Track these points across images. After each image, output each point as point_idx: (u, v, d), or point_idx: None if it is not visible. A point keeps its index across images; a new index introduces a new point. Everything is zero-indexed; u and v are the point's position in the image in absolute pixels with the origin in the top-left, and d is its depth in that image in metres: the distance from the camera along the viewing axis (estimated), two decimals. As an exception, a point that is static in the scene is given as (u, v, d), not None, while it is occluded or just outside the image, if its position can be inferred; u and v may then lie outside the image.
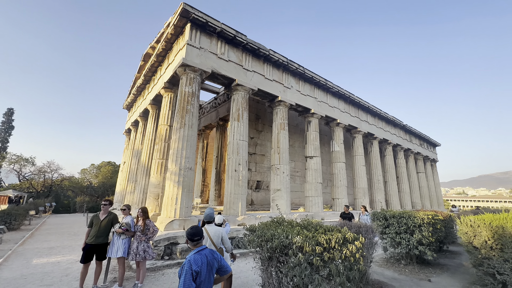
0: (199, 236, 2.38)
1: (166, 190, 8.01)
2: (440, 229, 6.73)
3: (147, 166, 11.87)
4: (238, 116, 10.03)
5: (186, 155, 8.17)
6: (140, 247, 4.79)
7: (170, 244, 6.89)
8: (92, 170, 32.42)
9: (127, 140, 19.22)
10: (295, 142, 16.32)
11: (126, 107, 19.13)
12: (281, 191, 10.89)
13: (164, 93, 10.87)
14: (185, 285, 2.06)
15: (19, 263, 6.34)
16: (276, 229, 3.57)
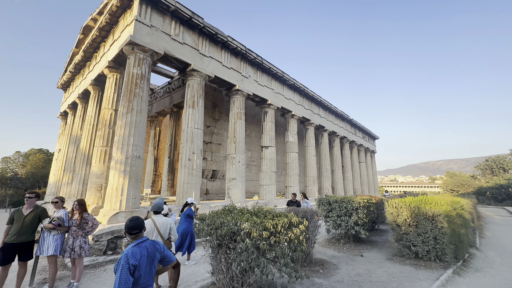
0: (138, 230, 2.25)
1: (110, 181, 7.33)
2: (373, 211, 7.72)
3: (88, 154, 10.63)
4: (193, 103, 9.63)
5: (133, 143, 7.55)
6: (76, 242, 4.33)
7: (115, 238, 6.40)
8: (18, 158, 27.68)
9: (63, 125, 16.82)
10: (252, 132, 16.53)
11: (62, 86, 16.58)
12: (236, 180, 11.00)
13: (108, 73, 9.73)
14: (121, 280, 1.95)
15: None
16: (226, 216, 3.61)
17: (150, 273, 2.20)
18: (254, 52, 12.18)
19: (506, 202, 28.97)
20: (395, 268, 5.31)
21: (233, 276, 3.51)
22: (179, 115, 14.90)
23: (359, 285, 4.40)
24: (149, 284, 2.20)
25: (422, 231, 5.50)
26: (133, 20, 7.98)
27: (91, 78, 11.50)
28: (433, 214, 5.40)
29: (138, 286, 2.08)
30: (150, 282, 2.21)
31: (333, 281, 4.55)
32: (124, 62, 9.30)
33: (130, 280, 1.99)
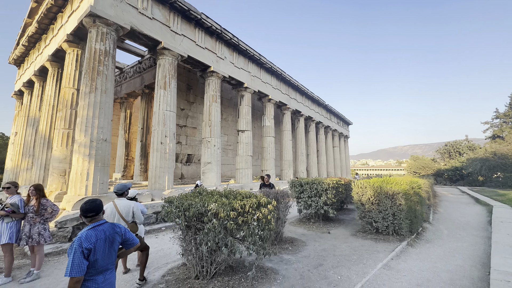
0: (94, 212, 2.16)
1: (74, 165, 6.88)
2: (342, 192, 8.16)
3: (48, 137, 9.81)
4: (164, 84, 9.17)
5: (99, 125, 7.08)
6: (34, 230, 4.07)
7: (80, 224, 6.13)
8: (-33, 142, 24.80)
9: (18, 105, 15.22)
10: (228, 116, 16.30)
11: (14, 62, 14.80)
12: (212, 164, 10.93)
13: (68, 49, 8.83)
14: (73, 264, 1.88)
15: None
16: (194, 198, 3.59)
17: (109, 256, 2.14)
18: (230, 32, 11.73)
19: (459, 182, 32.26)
20: (357, 242, 5.75)
21: (202, 256, 3.56)
22: (151, 96, 14.17)
23: (324, 259, 4.72)
24: (108, 268, 2.14)
25: (383, 208, 5.96)
26: (93, -11, 7.19)
27: (48, 53, 10.39)
28: (393, 193, 5.85)
29: (95, 269, 2.02)
30: (109, 266, 2.15)
31: (300, 256, 4.82)
32: (85, 37, 8.47)
33: (83, 264, 1.92)
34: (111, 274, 2.18)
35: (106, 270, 2.12)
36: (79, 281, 1.91)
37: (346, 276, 3.97)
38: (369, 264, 4.48)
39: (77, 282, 1.90)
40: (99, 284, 2.04)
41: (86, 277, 1.98)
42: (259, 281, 3.68)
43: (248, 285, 3.53)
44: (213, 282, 3.57)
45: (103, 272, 2.09)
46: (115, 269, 2.45)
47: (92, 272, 2.01)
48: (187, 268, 4.12)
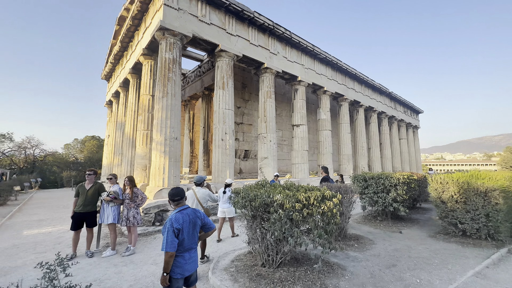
0: (179, 196, 2.53)
1: (153, 161, 8.01)
2: (414, 188, 7.26)
3: (132, 138, 11.65)
4: (223, 84, 9.76)
5: (170, 125, 8.04)
6: (130, 213, 4.93)
7: (160, 211, 7.11)
8: (76, 145, 31.53)
9: (109, 113, 18.50)
10: (282, 111, 16.30)
11: (105, 77, 18.03)
12: (268, 159, 11.15)
13: (143, 61, 10.26)
14: (167, 240, 2.26)
15: (9, 235, 6.41)
16: (259, 190, 3.74)
17: (193, 237, 2.48)
18: (282, 26, 11.65)
19: None
20: (438, 245, 5.04)
21: (268, 245, 3.70)
22: (210, 97, 15.27)
23: (397, 259, 4.30)
24: (193, 247, 2.48)
25: (472, 207, 5.05)
26: (161, 5, 8.14)
27: (129, 67, 12.27)
28: (486, 190, 4.89)
29: (183, 247, 2.37)
30: (193, 245, 2.49)
31: (369, 255, 4.52)
32: (157, 48, 9.67)
33: (175, 241, 2.29)
34: (195, 253, 2.53)
35: (191, 249, 2.47)
36: (172, 256, 2.28)
37: (426, 280, 3.54)
38: (456, 270, 3.88)
39: (171, 257, 2.27)
40: (186, 260, 2.40)
41: (177, 253, 2.36)
42: (326, 275, 3.61)
43: (315, 277, 3.50)
44: (279, 271, 3.67)
45: (189, 251, 2.44)
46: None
47: (181, 250, 2.37)
48: (253, 256, 4.34)
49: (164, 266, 2.27)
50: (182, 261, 2.36)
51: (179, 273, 2.33)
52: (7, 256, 4.87)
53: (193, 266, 2.45)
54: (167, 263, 2.26)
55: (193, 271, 2.47)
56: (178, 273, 2.33)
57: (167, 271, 2.27)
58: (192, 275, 2.49)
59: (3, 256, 4.83)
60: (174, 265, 2.33)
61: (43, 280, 2.14)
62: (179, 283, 2.35)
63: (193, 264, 2.47)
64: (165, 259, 2.26)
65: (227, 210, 5.64)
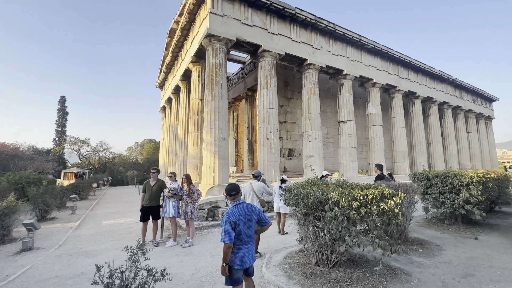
0: (236, 191, 2.66)
1: (204, 160, 8.56)
2: (492, 188, 6.23)
3: (184, 139, 12.64)
4: (266, 84, 9.87)
5: (219, 126, 8.49)
6: (188, 208, 5.37)
7: (213, 207, 7.56)
8: (137, 147, 35.61)
9: (163, 117, 20.40)
10: (327, 107, 15.70)
11: (159, 85, 19.96)
12: (314, 157, 10.87)
13: (192, 68, 11.05)
14: (225, 232, 2.41)
15: (93, 224, 7.61)
16: (311, 187, 3.69)
17: (249, 230, 2.57)
18: (325, 19, 11.23)
19: None
20: (529, 256, 4.23)
21: (322, 244, 3.62)
22: (253, 98, 15.59)
23: (474, 269, 3.76)
24: (249, 240, 2.59)
25: None
26: (208, 14, 8.64)
27: (179, 74, 13.34)
28: None
29: (240, 239, 2.50)
30: (250, 239, 2.59)
31: (437, 261, 4.05)
32: (204, 55, 10.30)
33: (232, 233, 2.42)
34: (252, 246, 2.63)
35: (248, 242, 2.57)
36: (230, 247, 2.42)
37: (516, 296, 3.02)
38: (558, 287, 3.21)
39: (229, 248, 2.42)
40: (244, 252, 2.53)
41: (235, 245, 2.49)
42: (388, 279, 3.37)
43: (375, 280, 3.30)
44: (335, 271, 3.56)
45: (246, 243, 2.55)
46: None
47: (239, 242, 2.50)
48: (305, 254, 4.30)
49: (223, 256, 2.42)
50: (240, 253, 2.49)
51: (239, 264, 2.46)
52: (93, 241, 5.79)
53: (250, 258, 2.56)
54: (226, 254, 2.41)
55: (251, 263, 2.57)
56: (238, 264, 2.46)
57: (226, 261, 2.42)
58: (250, 267, 2.59)
59: (91, 241, 5.77)
60: (234, 257, 2.46)
61: (128, 262, 2.50)
62: (238, 273, 2.48)
63: (251, 257, 2.57)
64: (224, 250, 2.42)
65: (281, 206, 5.80)
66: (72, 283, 3.65)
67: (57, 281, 3.73)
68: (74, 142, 29.33)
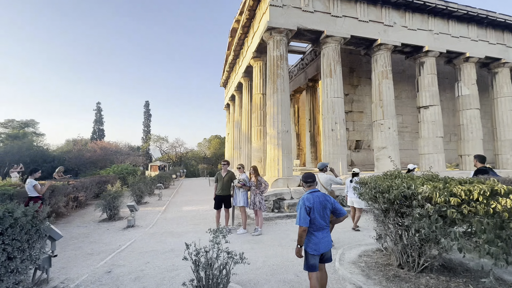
0: (312, 179, 2.72)
1: (268, 153, 8.73)
2: None
3: (248, 134, 13.18)
4: (330, 71, 9.29)
5: (281, 119, 8.48)
6: (256, 199, 5.59)
7: (278, 199, 7.66)
8: (205, 143, 39.21)
9: (227, 114, 21.76)
10: (401, 92, 13.75)
11: (223, 84, 21.32)
12: (387, 148, 9.72)
13: (253, 63, 11.32)
14: (300, 216, 2.54)
15: (175, 209, 8.77)
16: (394, 180, 3.28)
17: (323, 217, 2.60)
18: (399, -10, 9.74)
19: None
20: None
21: (407, 245, 3.20)
22: (315, 89, 14.97)
23: None
24: (324, 228, 2.62)
25: None
26: (267, 7, 8.64)
27: (241, 71, 13.89)
28: None
29: (315, 225, 2.57)
30: (324, 226, 2.62)
31: None
32: (265, 50, 10.40)
33: (307, 218, 2.51)
34: (327, 234, 2.65)
35: (323, 229, 2.61)
36: (305, 230, 2.52)
37: None
38: None
39: (304, 231, 2.52)
40: (319, 239, 2.58)
41: (310, 231, 2.57)
42: (501, 295, 2.72)
43: (482, 295, 2.72)
44: (424, 276, 3.10)
45: (321, 230, 2.60)
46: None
47: (314, 228, 2.57)
48: (384, 254, 3.90)
49: (298, 239, 2.54)
50: (315, 239, 2.56)
51: (314, 249, 2.54)
52: (177, 223, 6.68)
53: (326, 245, 2.60)
54: (300, 236, 2.52)
55: (327, 250, 2.62)
56: (313, 249, 2.54)
57: (300, 244, 2.54)
58: (326, 254, 2.64)
59: (175, 224, 6.67)
60: (309, 242, 2.56)
61: (210, 243, 2.75)
62: (314, 259, 2.55)
63: (326, 244, 2.61)
64: (299, 233, 2.53)
65: (355, 200, 5.52)
66: (165, 257, 4.29)
67: (154, 254, 4.44)
68: (156, 139, 34.46)
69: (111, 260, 4.16)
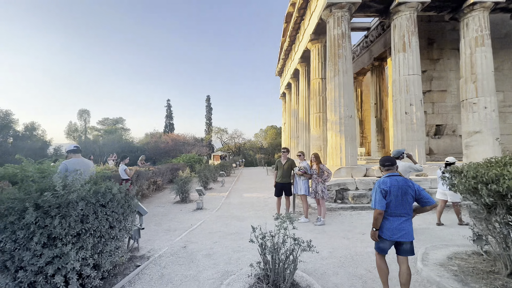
0: (390, 162, 2.58)
1: (329, 141, 8.22)
2: None
3: (306, 121, 12.73)
4: (403, 45, 8.01)
5: (344, 103, 7.81)
6: (318, 187, 5.33)
7: (341, 189, 7.18)
8: (261, 134, 40.01)
9: (283, 103, 21.51)
10: (502, 63, 10.92)
11: (278, 73, 21.06)
12: (482, 133, 7.92)
13: (311, 47, 10.71)
14: (376, 199, 2.46)
15: (237, 195, 9.22)
16: (505, 168, 2.58)
17: (402, 204, 2.42)
18: None
19: None
20: None
21: (524, 250, 2.50)
22: (382, 68, 13.30)
23: None
24: (401, 215, 2.43)
25: None
26: (326, -19, 7.92)
27: (297, 57, 13.37)
28: None
29: (391, 210, 2.43)
30: (402, 213, 2.42)
31: None
32: (323, 30, 9.67)
33: (383, 201, 2.41)
34: (406, 222, 2.44)
35: (400, 216, 2.43)
36: (380, 214, 2.43)
37: None
38: None
39: (379, 214, 2.44)
40: (394, 225, 2.43)
41: (385, 216, 2.46)
42: None
43: None
44: (552, 294, 2.38)
45: (397, 217, 2.43)
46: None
47: (388, 213, 2.44)
48: (485, 259, 3.18)
49: (373, 222, 2.50)
50: (388, 224, 2.44)
51: (387, 234, 2.44)
52: (239, 209, 6.99)
53: (403, 234, 2.41)
54: (375, 219, 2.47)
55: (405, 240, 2.42)
56: (386, 234, 2.45)
57: (376, 227, 2.49)
58: (404, 244, 2.45)
59: (238, 209, 7.00)
60: (383, 226, 2.48)
61: (277, 228, 2.71)
62: (384, 243, 2.48)
63: (404, 233, 2.41)
64: (374, 216, 2.48)
65: (448, 193, 4.88)
66: (230, 238, 4.53)
67: (221, 234, 4.74)
68: (217, 131, 36.96)
69: (186, 237, 4.63)
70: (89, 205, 2.58)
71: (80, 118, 34.39)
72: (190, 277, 3.15)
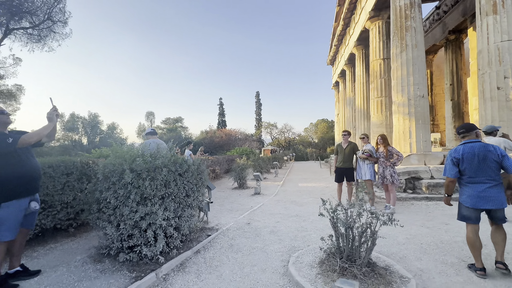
0: (464, 129, 2.52)
1: (395, 125, 7.39)
2: None
3: (364, 109, 11.75)
4: (494, 4, 6.59)
5: (414, 82, 6.89)
6: (386, 172, 4.83)
7: (411, 178, 6.38)
8: (312, 128, 38.83)
9: (336, 94, 20.34)
10: None
11: (330, 62, 19.99)
12: None
13: (370, 25, 9.78)
14: (446, 167, 2.53)
15: (292, 185, 9.13)
16: None
17: (481, 170, 2.34)
18: None
19: None
20: None
21: None
22: (460, 42, 11.30)
23: None
24: (483, 181, 2.33)
25: None
26: None
27: (353, 40, 12.41)
28: None
29: (467, 177, 2.41)
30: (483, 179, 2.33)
31: None
32: (384, 5, 8.73)
33: (454, 169, 2.46)
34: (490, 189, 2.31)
35: (482, 182, 2.33)
36: (452, 181, 2.52)
37: None
38: None
39: (451, 182, 2.53)
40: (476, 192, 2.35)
41: (463, 182, 2.46)
42: None
43: None
44: None
45: (478, 183, 2.35)
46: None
47: (466, 180, 2.42)
48: None
49: (444, 188, 2.58)
50: (469, 190, 2.39)
51: (469, 202, 2.38)
52: (296, 195, 6.89)
53: (489, 201, 2.31)
54: (447, 186, 2.56)
55: (493, 207, 2.31)
56: (467, 201, 2.40)
57: (448, 193, 2.57)
58: (491, 211, 2.37)
59: (295, 195, 6.91)
60: (462, 193, 2.47)
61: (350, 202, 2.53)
62: (468, 211, 2.41)
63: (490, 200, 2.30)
64: (445, 183, 2.56)
65: None
66: (292, 219, 4.48)
67: (282, 216, 4.73)
68: (267, 126, 37.36)
69: (248, 216, 4.77)
70: (170, 173, 2.87)
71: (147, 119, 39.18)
72: (257, 248, 3.22)
